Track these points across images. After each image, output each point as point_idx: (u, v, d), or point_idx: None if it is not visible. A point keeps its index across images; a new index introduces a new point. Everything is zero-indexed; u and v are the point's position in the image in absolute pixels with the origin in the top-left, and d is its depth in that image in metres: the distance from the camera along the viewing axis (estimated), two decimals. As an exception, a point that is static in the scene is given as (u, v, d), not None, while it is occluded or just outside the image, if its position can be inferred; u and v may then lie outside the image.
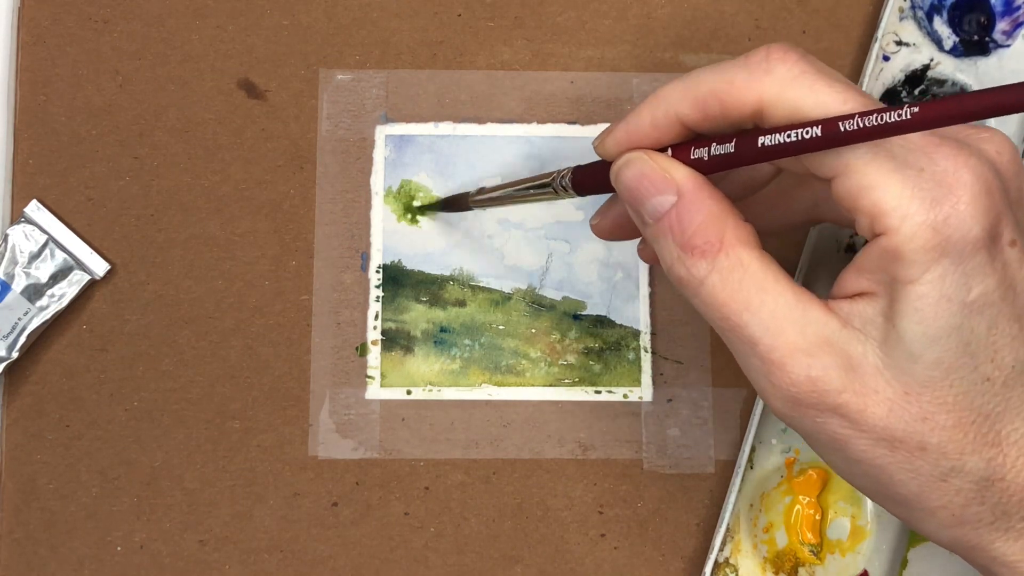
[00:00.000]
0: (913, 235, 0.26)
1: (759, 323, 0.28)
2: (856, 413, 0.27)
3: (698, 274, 0.28)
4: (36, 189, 0.41)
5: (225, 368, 0.41)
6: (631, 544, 0.40)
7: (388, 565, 0.40)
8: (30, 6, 0.42)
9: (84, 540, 0.40)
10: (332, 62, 0.42)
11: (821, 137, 0.26)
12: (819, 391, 0.27)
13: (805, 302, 0.28)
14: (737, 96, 0.28)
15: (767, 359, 0.28)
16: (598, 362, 0.41)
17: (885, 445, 0.27)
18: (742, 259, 0.28)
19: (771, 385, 0.28)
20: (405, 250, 0.41)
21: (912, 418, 0.27)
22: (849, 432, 0.28)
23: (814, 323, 0.28)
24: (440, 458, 0.41)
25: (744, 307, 0.28)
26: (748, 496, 0.40)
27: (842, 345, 0.27)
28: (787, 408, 0.28)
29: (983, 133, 0.28)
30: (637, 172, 0.29)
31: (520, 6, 0.42)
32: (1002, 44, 0.41)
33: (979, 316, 0.26)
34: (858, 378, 0.27)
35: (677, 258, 0.29)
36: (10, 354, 0.40)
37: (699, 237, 0.28)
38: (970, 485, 0.27)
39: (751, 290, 0.28)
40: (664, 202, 0.29)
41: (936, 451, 0.27)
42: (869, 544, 0.40)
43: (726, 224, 0.28)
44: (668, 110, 0.29)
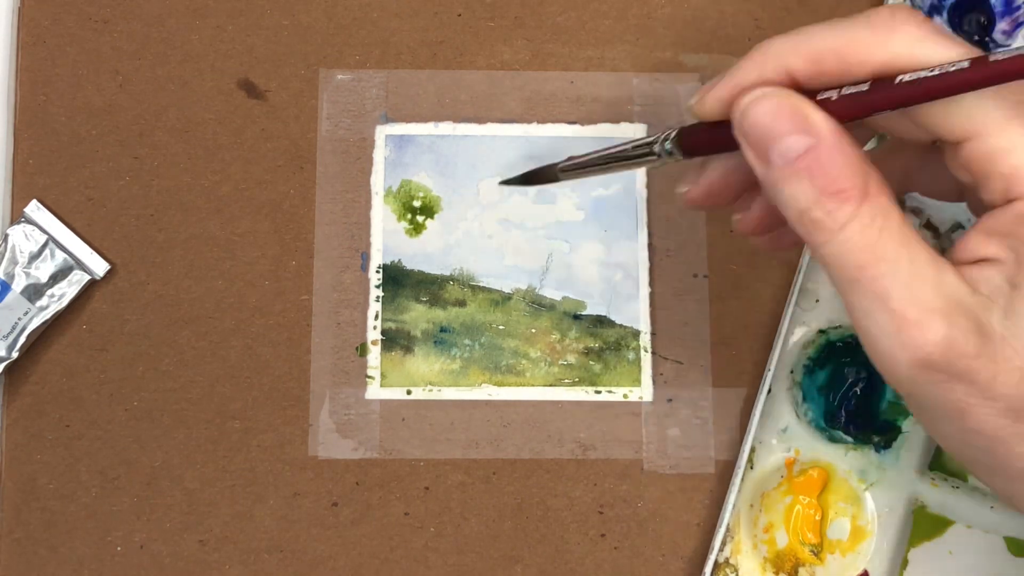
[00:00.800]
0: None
1: (895, 276, 0.26)
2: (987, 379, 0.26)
3: (840, 218, 0.27)
4: (36, 189, 0.41)
5: (225, 368, 0.41)
6: (631, 544, 0.40)
7: (388, 565, 0.40)
8: (30, 6, 0.42)
9: (84, 540, 0.40)
10: (332, 62, 0.42)
11: (969, 70, 0.25)
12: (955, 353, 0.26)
13: (940, 263, 0.27)
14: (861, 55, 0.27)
15: (901, 315, 0.26)
16: (598, 362, 0.41)
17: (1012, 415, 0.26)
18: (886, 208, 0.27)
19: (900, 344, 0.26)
20: (405, 250, 0.41)
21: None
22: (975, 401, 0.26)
23: (948, 285, 0.26)
24: (440, 458, 0.41)
25: (882, 258, 0.26)
26: (748, 496, 0.40)
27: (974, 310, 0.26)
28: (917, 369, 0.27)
29: None
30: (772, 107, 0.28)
31: (520, 6, 0.42)
32: (1002, 44, 0.41)
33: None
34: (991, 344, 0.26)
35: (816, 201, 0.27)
36: (10, 354, 0.40)
37: (845, 180, 0.27)
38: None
39: (891, 242, 0.27)
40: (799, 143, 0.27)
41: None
42: (869, 544, 0.40)
43: (869, 171, 0.27)
44: (778, 64, 0.28)
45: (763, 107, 0.28)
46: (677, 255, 0.41)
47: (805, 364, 0.41)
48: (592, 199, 0.42)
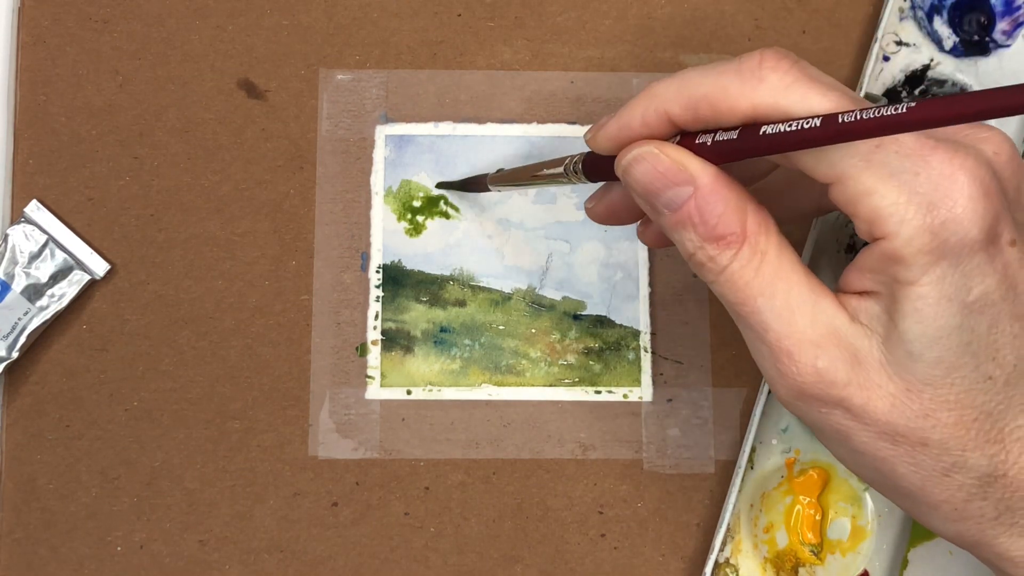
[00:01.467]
0: (911, 239, 0.26)
1: (772, 310, 0.28)
2: (859, 407, 0.28)
3: (721, 262, 0.29)
4: (36, 189, 0.41)
5: (225, 368, 0.41)
6: (631, 544, 0.40)
7: (388, 565, 0.40)
8: (30, 6, 0.42)
9: (84, 540, 0.40)
10: (332, 62, 0.42)
11: (820, 128, 0.26)
12: (825, 382, 0.28)
13: (817, 293, 0.28)
14: (730, 103, 0.28)
15: (776, 347, 0.28)
16: (598, 362, 0.41)
17: (888, 439, 0.28)
18: (761, 246, 0.28)
19: (778, 373, 0.28)
20: (405, 250, 0.41)
21: (914, 414, 0.27)
22: (853, 424, 0.28)
23: (824, 315, 0.28)
24: (440, 458, 0.41)
25: (759, 293, 0.28)
26: (748, 496, 0.40)
27: (849, 339, 0.28)
28: (792, 397, 0.28)
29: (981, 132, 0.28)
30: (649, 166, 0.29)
31: (520, 6, 0.42)
32: (1002, 44, 0.41)
33: (980, 316, 0.27)
34: (863, 372, 0.27)
35: (699, 247, 0.29)
36: (10, 354, 0.40)
37: (722, 227, 0.28)
38: (972, 481, 0.28)
39: (767, 278, 0.28)
40: (681, 194, 0.29)
41: (938, 447, 0.27)
42: (869, 544, 0.40)
43: (746, 212, 0.29)
44: (659, 108, 0.29)
45: (642, 167, 0.29)
46: (677, 255, 0.41)
47: (805, 364, 0.41)
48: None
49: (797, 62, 0.28)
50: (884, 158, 0.26)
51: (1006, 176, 0.28)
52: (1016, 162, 0.28)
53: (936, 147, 0.26)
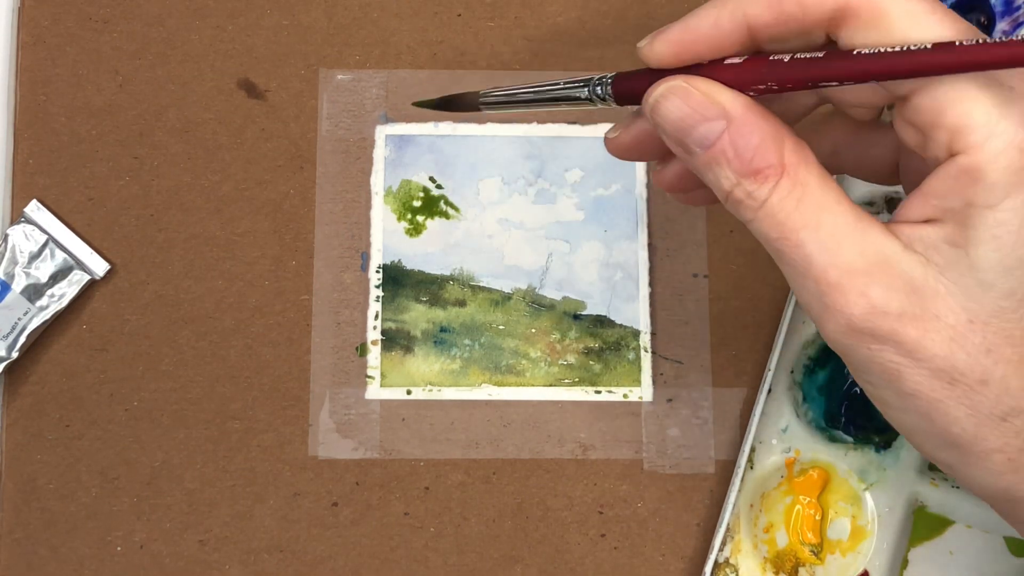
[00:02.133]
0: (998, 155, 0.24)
1: (817, 241, 0.26)
2: (915, 340, 0.26)
3: (759, 196, 0.27)
4: (36, 189, 0.41)
5: (225, 368, 0.41)
6: (631, 544, 0.40)
7: (388, 565, 0.40)
8: (30, 6, 0.42)
9: (84, 540, 0.40)
10: (332, 62, 0.42)
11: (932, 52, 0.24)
12: (877, 313, 0.26)
13: (865, 222, 0.26)
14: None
15: (822, 279, 0.26)
16: (598, 362, 0.41)
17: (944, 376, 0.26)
18: (802, 178, 0.27)
19: (825, 308, 0.26)
20: (405, 250, 0.41)
21: (976, 349, 0.26)
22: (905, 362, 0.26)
23: (874, 243, 0.26)
24: (440, 458, 0.41)
25: (803, 225, 0.26)
26: (748, 496, 0.40)
27: (904, 267, 0.26)
28: (841, 334, 0.27)
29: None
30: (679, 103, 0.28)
31: (520, 6, 0.42)
32: (1003, 44, 0.41)
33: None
34: (919, 302, 0.26)
35: (736, 184, 0.27)
36: (10, 354, 0.40)
37: (759, 160, 0.27)
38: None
39: (810, 209, 0.26)
40: (713, 129, 0.27)
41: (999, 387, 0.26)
42: (869, 544, 0.40)
43: (784, 144, 0.27)
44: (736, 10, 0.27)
45: (670, 103, 0.28)
46: (677, 255, 0.41)
47: (805, 364, 0.41)
48: (592, 199, 0.42)
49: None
50: None
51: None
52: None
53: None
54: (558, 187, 0.42)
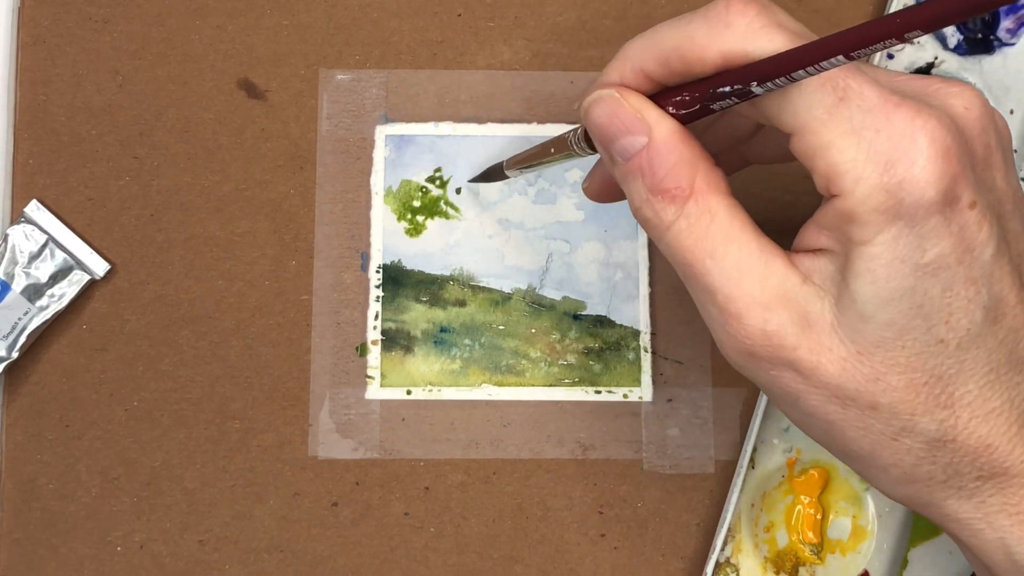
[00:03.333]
0: (866, 198, 0.26)
1: (720, 272, 0.28)
2: (809, 369, 0.27)
3: (666, 218, 0.28)
4: (36, 189, 0.41)
5: (225, 368, 0.41)
6: (631, 544, 0.40)
7: (388, 565, 0.40)
8: (30, 6, 0.42)
9: (84, 540, 0.40)
10: (332, 62, 0.42)
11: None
12: (774, 345, 0.27)
13: (768, 254, 0.28)
14: (698, 52, 0.27)
15: (724, 309, 0.28)
16: (598, 362, 0.41)
17: (837, 402, 0.28)
18: (710, 206, 0.28)
19: (727, 335, 0.28)
20: (405, 250, 0.41)
21: (864, 378, 0.27)
22: (802, 386, 0.28)
23: (775, 276, 0.28)
24: (440, 458, 0.41)
25: (708, 254, 0.28)
26: (749, 495, 0.40)
27: (800, 300, 0.27)
28: (742, 359, 0.28)
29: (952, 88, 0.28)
30: (608, 110, 0.29)
31: (520, 6, 0.42)
32: (1006, 42, 0.41)
33: (933, 279, 0.26)
34: (813, 335, 0.27)
35: (646, 200, 0.29)
36: (10, 354, 0.40)
37: (670, 181, 0.28)
38: (921, 445, 0.28)
39: (716, 238, 0.28)
40: (635, 142, 0.29)
41: (887, 410, 0.27)
42: (870, 544, 0.40)
43: (697, 169, 0.28)
44: (634, 66, 0.29)
45: (600, 108, 0.29)
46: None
47: (805, 364, 0.41)
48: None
49: (765, 7, 0.27)
50: (847, 112, 0.26)
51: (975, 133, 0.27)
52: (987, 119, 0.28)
53: (900, 104, 0.26)
54: (558, 187, 0.42)
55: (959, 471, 0.28)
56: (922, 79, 0.28)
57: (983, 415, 0.27)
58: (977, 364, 0.27)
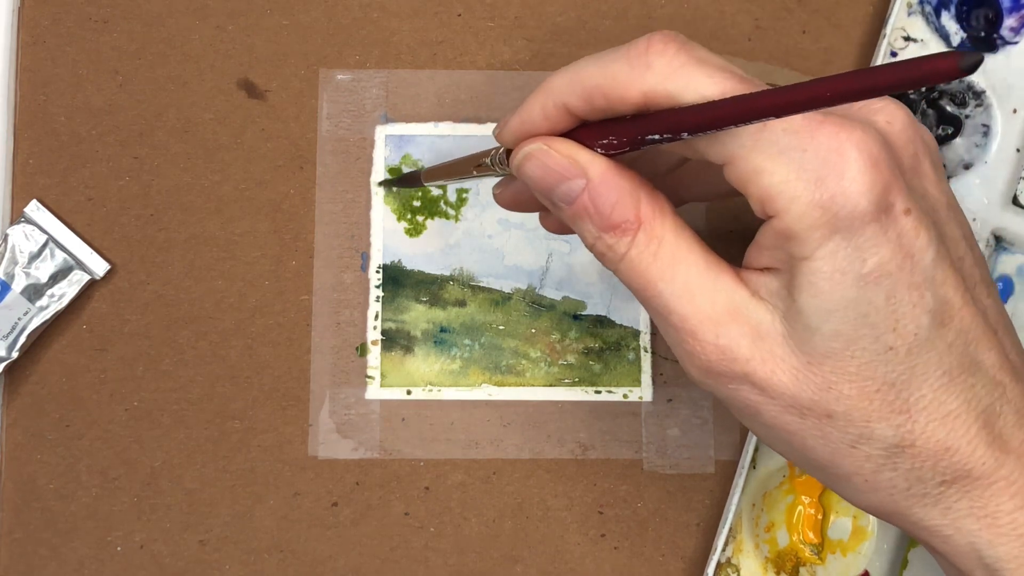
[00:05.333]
0: (801, 215, 0.26)
1: (672, 293, 0.28)
2: (764, 381, 0.28)
3: (619, 251, 0.29)
4: (36, 189, 0.41)
5: (225, 368, 0.41)
6: (631, 544, 0.40)
7: (388, 565, 0.40)
8: (30, 6, 0.42)
9: (84, 540, 0.40)
10: (332, 62, 0.42)
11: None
12: (728, 359, 0.28)
13: (716, 271, 0.28)
14: (620, 92, 0.28)
15: (679, 328, 0.28)
16: (598, 362, 0.41)
17: (795, 412, 0.28)
18: (657, 232, 0.29)
19: (685, 353, 0.29)
20: (405, 250, 0.41)
21: (816, 387, 0.27)
22: (760, 399, 0.28)
23: (724, 292, 0.28)
24: (440, 458, 0.41)
25: (659, 278, 0.29)
26: (750, 495, 0.40)
27: (750, 314, 0.28)
28: (701, 375, 0.29)
29: (874, 104, 0.29)
30: (539, 162, 0.30)
31: (520, 6, 0.42)
32: (1010, 41, 0.41)
33: (876, 287, 0.26)
34: (765, 347, 0.28)
35: (597, 237, 0.29)
36: (10, 354, 0.40)
37: (617, 215, 0.29)
38: (880, 452, 0.28)
39: (665, 261, 0.29)
40: (574, 187, 0.29)
41: (843, 419, 0.28)
42: (870, 544, 0.40)
43: (640, 199, 0.29)
44: (556, 101, 0.29)
45: (532, 163, 0.30)
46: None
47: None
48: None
49: (684, 44, 0.28)
50: (771, 136, 0.26)
51: (900, 144, 0.28)
52: (911, 130, 0.28)
53: (823, 122, 0.26)
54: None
55: (921, 477, 0.28)
56: None
57: (940, 418, 0.28)
58: (929, 368, 0.27)
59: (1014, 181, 0.40)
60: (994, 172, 0.40)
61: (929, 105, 0.41)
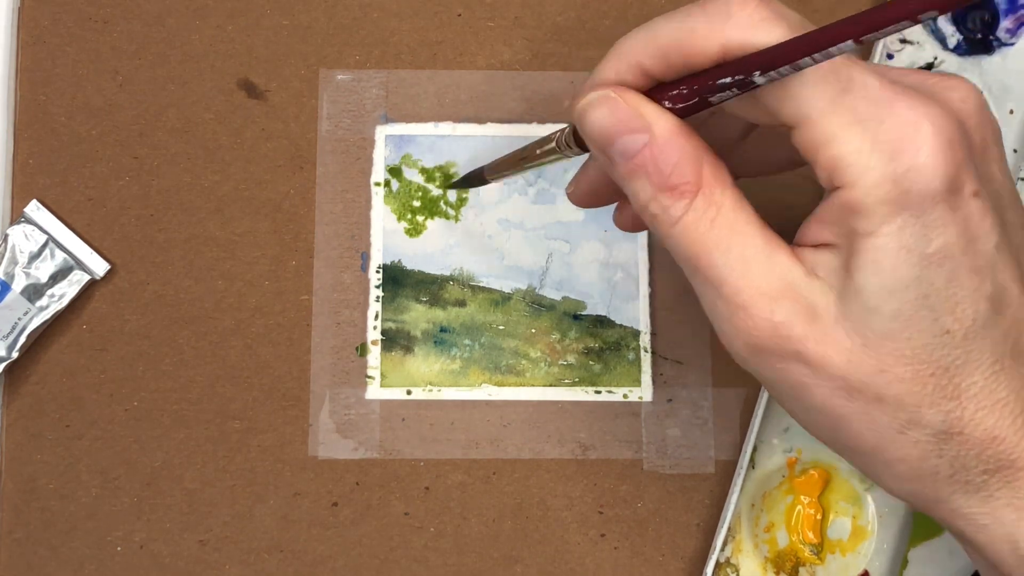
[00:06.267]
0: (872, 188, 0.25)
1: (727, 264, 0.28)
2: (816, 360, 0.27)
3: (674, 213, 0.28)
4: (36, 189, 0.41)
5: (225, 368, 0.41)
6: (631, 544, 0.40)
7: (388, 565, 0.40)
8: (30, 6, 0.42)
9: (84, 540, 0.40)
10: (332, 62, 0.42)
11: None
12: (781, 336, 0.27)
13: (773, 246, 0.28)
14: (699, 45, 0.27)
15: (732, 301, 0.28)
16: (598, 362, 0.41)
17: (843, 394, 0.27)
18: (716, 199, 0.28)
19: (733, 328, 0.28)
20: (405, 250, 0.41)
21: (870, 369, 0.27)
22: (809, 379, 0.27)
23: (780, 268, 0.27)
24: (440, 458, 0.41)
25: (715, 247, 0.28)
26: (750, 496, 0.40)
27: (805, 293, 0.27)
28: (748, 353, 0.28)
29: (949, 81, 0.28)
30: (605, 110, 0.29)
31: (520, 6, 0.42)
32: (1006, 43, 0.41)
33: (939, 268, 0.26)
34: (819, 326, 0.27)
35: (652, 198, 0.28)
36: (10, 354, 0.40)
37: (677, 176, 0.28)
38: (928, 438, 0.27)
39: (723, 231, 0.28)
40: (636, 141, 0.28)
41: (894, 403, 0.27)
42: (870, 544, 0.40)
43: (702, 163, 0.28)
44: (631, 62, 0.29)
45: (597, 111, 0.29)
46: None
47: (805, 364, 0.41)
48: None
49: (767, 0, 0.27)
50: (850, 103, 0.26)
51: (972, 126, 0.27)
52: (982, 112, 0.28)
53: (902, 94, 0.26)
54: (558, 187, 0.42)
55: (965, 465, 0.28)
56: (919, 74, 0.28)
57: (989, 406, 0.27)
58: (983, 355, 0.27)
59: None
60: (994, 172, 0.40)
61: (929, 105, 0.41)
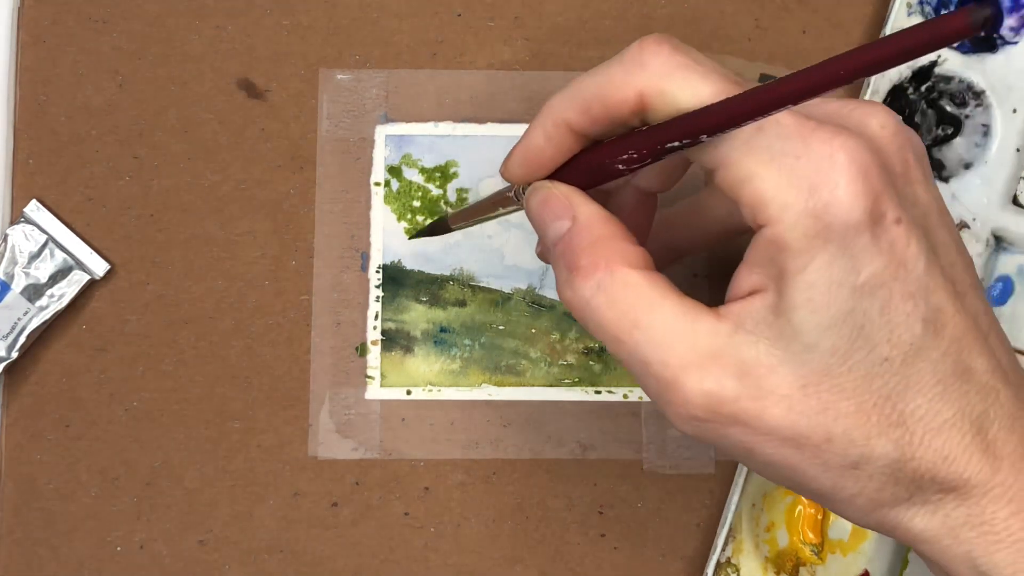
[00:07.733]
0: (794, 224, 0.26)
1: (648, 341, 0.28)
2: (754, 419, 0.27)
3: (584, 294, 0.28)
4: (36, 189, 0.41)
5: (225, 368, 0.41)
6: (631, 544, 0.40)
7: (388, 565, 0.40)
8: (30, 6, 0.42)
9: (84, 540, 0.40)
10: (332, 62, 0.42)
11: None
12: (715, 403, 0.27)
13: (693, 314, 0.28)
14: (617, 95, 0.28)
15: (661, 378, 0.28)
16: (598, 362, 0.41)
17: (791, 444, 0.27)
18: (625, 277, 0.28)
19: (668, 403, 0.28)
20: (405, 250, 0.41)
21: (813, 411, 0.27)
22: (751, 439, 0.27)
23: (703, 334, 0.27)
24: (440, 458, 0.41)
25: (633, 326, 0.28)
26: (750, 495, 0.40)
27: (733, 351, 0.27)
28: (688, 427, 0.28)
29: (865, 108, 0.28)
30: (541, 198, 0.30)
31: (520, 6, 0.42)
32: (1010, 41, 0.41)
33: (871, 298, 0.26)
34: (751, 381, 0.27)
35: (565, 280, 0.29)
36: (10, 354, 0.40)
37: (584, 258, 0.29)
38: (882, 469, 0.27)
39: (639, 308, 0.28)
40: (561, 227, 0.30)
41: (843, 440, 0.27)
42: (870, 544, 0.40)
43: (612, 246, 0.29)
44: (556, 120, 0.30)
45: (534, 198, 0.31)
46: (677, 255, 0.41)
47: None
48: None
49: (678, 47, 0.28)
50: (765, 141, 0.26)
51: (891, 151, 0.27)
52: (902, 136, 0.28)
53: (816, 128, 0.26)
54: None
55: (921, 487, 0.28)
56: (835, 102, 0.29)
57: (936, 428, 0.27)
58: (923, 377, 0.27)
59: (1014, 181, 0.40)
60: (994, 172, 0.40)
61: (929, 105, 0.41)
